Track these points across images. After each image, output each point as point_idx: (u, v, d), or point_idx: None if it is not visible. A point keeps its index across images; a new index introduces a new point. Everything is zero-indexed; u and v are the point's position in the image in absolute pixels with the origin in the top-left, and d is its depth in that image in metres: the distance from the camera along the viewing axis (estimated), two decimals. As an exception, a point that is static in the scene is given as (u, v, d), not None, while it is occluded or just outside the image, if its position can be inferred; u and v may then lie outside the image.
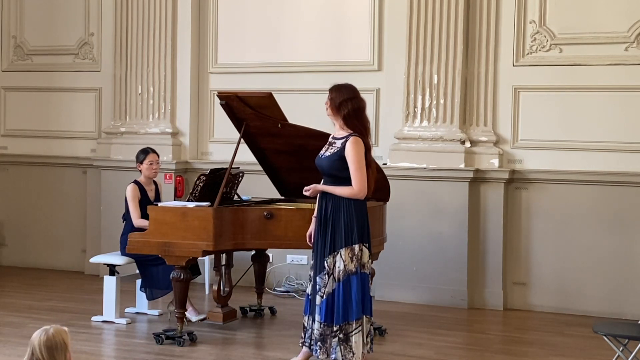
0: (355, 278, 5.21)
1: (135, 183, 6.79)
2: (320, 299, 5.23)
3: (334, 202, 5.25)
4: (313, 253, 5.39)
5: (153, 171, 6.83)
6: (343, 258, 5.20)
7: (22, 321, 6.69)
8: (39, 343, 3.12)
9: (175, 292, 6.17)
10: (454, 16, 7.51)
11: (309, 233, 5.50)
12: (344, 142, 5.23)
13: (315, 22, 8.18)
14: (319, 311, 5.23)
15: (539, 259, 7.48)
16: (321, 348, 5.22)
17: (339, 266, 5.20)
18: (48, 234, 9.17)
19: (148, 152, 6.87)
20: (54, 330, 3.15)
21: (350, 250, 5.21)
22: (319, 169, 5.39)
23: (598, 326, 5.05)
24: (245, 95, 6.39)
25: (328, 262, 5.22)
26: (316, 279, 5.27)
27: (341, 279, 5.20)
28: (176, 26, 8.53)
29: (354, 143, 5.19)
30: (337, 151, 5.25)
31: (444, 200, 7.53)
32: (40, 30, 9.21)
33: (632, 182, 7.18)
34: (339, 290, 5.20)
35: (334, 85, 5.39)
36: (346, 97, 5.27)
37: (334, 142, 5.34)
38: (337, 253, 5.21)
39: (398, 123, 7.76)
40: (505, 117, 7.58)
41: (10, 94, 9.40)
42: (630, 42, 7.20)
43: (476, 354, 6.05)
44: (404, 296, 7.61)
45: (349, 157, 5.18)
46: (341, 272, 5.20)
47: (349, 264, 5.21)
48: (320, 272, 5.25)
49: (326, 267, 5.23)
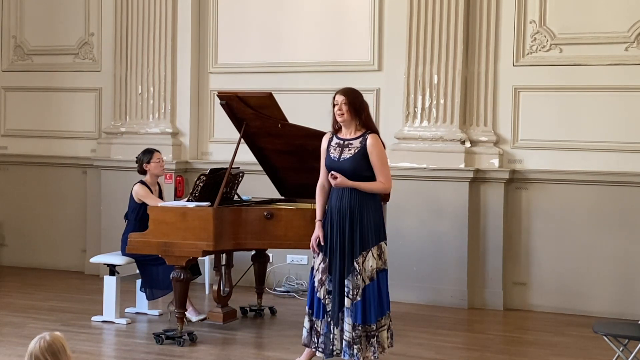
0: (383, 275, 5.25)
1: (141, 183, 6.78)
2: (351, 302, 5.16)
3: (360, 201, 5.21)
4: (324, 255, 5.26)
5: (162, 168, 6.85)
6: (374, 256, 5.20)
7: (22, 321, 6.69)
8: (41, 350, 3.12)
9: (175, 292, 6.17)
10: (454, 16, 7.51)
11: (315, 237, 5.33)
12: (363, 140, 5.23)
13: (315, 22, 8.18)
14: (351, 314, 5.15)
15: (539, 259, 7.48)
16: (359, 350, 5.14)
17: (371, 265, 5.19)
18: (48, 234, 9.17)
19: (153, 151, 6.87)
20: (51, 337, 3.16)
21: (379, 248, 5.24)
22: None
23: (598, 326, 5.05)
24: (245, 95, 6.39)
25: (358, 262, 5.18)
26: (344, 282, 5.19)
27: (374, 278, 5.20)
28: (176, 26, 8.54)
29: (376, 139, 5.24)
30: (359, 150, 5.22)
31: (444, 200, 7.53)
32: (40, 30, 9.21)
33: (632, 182, 7.18)
34: (374, 289, 5.18)
35: (346, 89, 5.33)
36: (362, 100, 5.31)
37: (348, 143, 5.27)
38: (369, 252, 5.20)
39: (398, 123, 7.76)
40: (505, 117, 7.58)
41: (10, 94, 9.40)
42: (630, 42, 7.20)
43: (476, 354, 6.05)
44: (404, 296, 7.61)
45: (374, 153, 5.20)
46: (373, 270, 5.19)
47: (378, 262, 5.22)
48: (348, 274, 5.18)
49: (356, 268, 5.18)
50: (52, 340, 3.16)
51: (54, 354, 3.13)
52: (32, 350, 3.14)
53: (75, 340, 6.07)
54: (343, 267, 5.20)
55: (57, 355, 3.13)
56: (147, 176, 6.83)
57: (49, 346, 3.13)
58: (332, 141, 5.35)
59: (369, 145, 5.19)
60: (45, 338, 3.15)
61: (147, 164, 6.81)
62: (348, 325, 5.16)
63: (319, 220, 5.35)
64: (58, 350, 3.14)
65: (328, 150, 5.33)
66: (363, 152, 5.20)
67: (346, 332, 5.17)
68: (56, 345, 3.15)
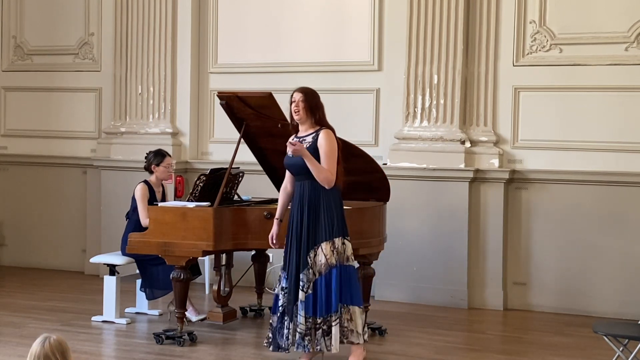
0: (335, 271, 5.31)
1: (145, 183, 6.77)
2: (304, 294, 5.30)
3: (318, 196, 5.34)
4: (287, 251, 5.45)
5: (169, 174, 6.85)
6: (324, 252, 5.30)
7: (22, 321, 6.69)
8: (52, 349, 3.11)
9: (175, 292, 6.17)
10: (454, 16, 7.51)
11: (271, 235, 5.60)
12: (316, 136, 5.39)
13: (315, 22, 8.18)
14: (303, 306, 5.31)
15: (539, 259, 7.48)
16: (310, 342, 5.29)
17: (321, 260, 5.30)
18: (48, 234, 9.17)
19: (165, 155, 6.84)
20: (57, 337, 3.16)
21: (332, 244, 5.31)
22: (293, 169, 5.47)
23: (598, 326, 5.05)
24: (245, 95, 6.39)
25: (310, 256, 5.32)
26: (299, 276, 5.33)
27: (323, 273, 5.30)
28: (176, 26, 8.54)
29: (327, 134, 5.40)
30: (310, 145, 5.37)
31: (444, 200, 7.53)
32: (40, 30, 9.21)
33: (632, 182, 7.18)
34: (322, 283, 5.30)
35: (303, 88, 5.51)
36: (318, 99, 5.48)
37: (302, 139, 5.44)
38: (319, 247, 5.31)
39: (398, 123, 7.76)
40: (505, 117, 7.58)
41: (10, 94, 9.40)
42: (630, 42, 7.20)
43: (476, 354, 6.05)
44: (404, 296, 7.62)
45: (322, 146, 5.34)
46: (323, 265, 5.30)
47: (330, 257, 5.30)
48: (303, 268, 5.33)
49: (309, 262, 5.32)
50: (59, 340, 3.15)
51: (63, 353, 3.13)
52: (40, 351, 3.10)
53: (75, 340, 6.07)
54: (299, 260, 5.36)
55: (65, 354, 3.13)
56: (153, 177, 6.82)
57: (59, 344, 3.13)
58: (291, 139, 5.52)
59: (320, 139, 5.37)
60: (53, 337, 3.15)
61: (156, 166, 6.80)
62: (301, 318, 5.31)
63: (277, 218, 5.59)
64: (65, 349, 3.15)
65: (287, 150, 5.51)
66: (314, 147, 5.36)
67: (299, 324, 5.32)
68: (63, 345, 3.15)
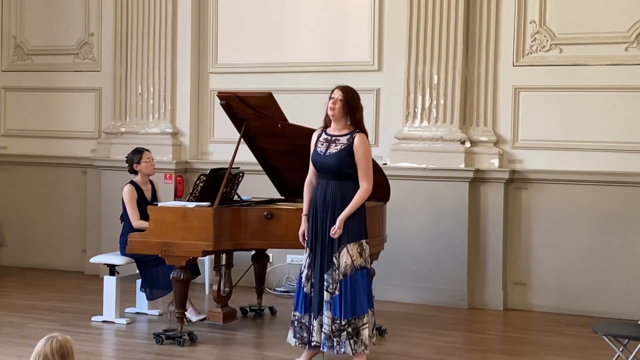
0: (361, 273, 5.27)
1: (131, 184, 6.77)
2: (330, 296, 5.25)
3: (342, 197, 5.27)
4: (311, 250, 5.39)
5: (152, 167, 6.83)
6: (351, 253, 5.25)
7: (22, 321, 6.69)
8: (52, 351, 3.10)
9: (175, 292, 6.17)
10: (454, 16, 7.51)
11: (301, 232, 5.49)
12: (351, 138, 5.28)
13: (315, 22, 8.18)
14: (329, 307, 5.25)
15: (539, 259, 7.48)
16: (338, 343, 5.24)
17: (346, 261, 5.24)
18: (48, 234, 9.17)
19: (142, 150, 6.86)
20: (63, 338, 3.15)
21: (359, 246, 5.28)
22: (320, 167, 5.37)
23: (598, 326, 5.05)
24: (245, 95, 6.39)
25: (336, 257, 5.26)
26: (323, 276, 5.28)
27: (348, 274, 5.24)
28: (176, 26, 8.54)
29: (364, 139, 5.29)
30: (345, 147, 5.27)
31: (444, 200, 7.53)
32: (40, 30, 9.21)
33: (631, 182, 7.18)
34: (347, 285, 5.23)
35: (345, 87, 5.40)
36: (359, 101, 5.38)
37: (335, 138, 5.33)
38: (344, 248, 5.25)
39: (398, 123, 7.76)
40: (505, 117, 7.59)
41: (10, 94, 9.40)
42: (630, 42, 7.20)
43: (476, 354, 6.05)
44: (404, 296, 7.62)
45: (360, 152, 5.25)
46: (348, 267, 5.24)
47: (356, 259, 5.26)
48: (328, 268, 5.28)
49: (335, 262, 5.25)
50: (64, 341, 3.14)
51: (63, 355, 3.12)
52: (42, 350, 3.11)
53: (76, 340, 5.95)
54: (323, 261, 5.30)
55: (65, 357, 3.12)
56: (138, 176, 6.82)
57: (60, 347, 3.12)
58: (320, 136, 5.43)
59: (356, 143, 5.26)
60: (57, 338, 3.14)
61: (137, 164, 6.80)
62: (327, 319, 5.27)
63: (305, 214, 5.47)
64: (67, 352, 3.13)
65: (316, 145, 5.42)
66: (349, 150, 5.27)
67: (325, 325, 5.28)
68: (66, 347, 3.14)
